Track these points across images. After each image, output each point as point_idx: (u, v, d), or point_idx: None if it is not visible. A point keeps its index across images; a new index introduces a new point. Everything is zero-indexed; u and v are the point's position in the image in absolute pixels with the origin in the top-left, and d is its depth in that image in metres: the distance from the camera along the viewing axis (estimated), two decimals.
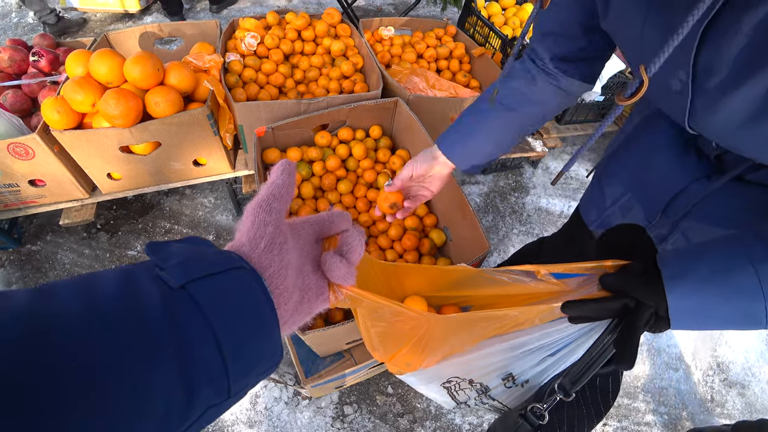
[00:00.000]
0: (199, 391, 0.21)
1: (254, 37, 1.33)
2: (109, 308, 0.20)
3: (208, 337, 0.21)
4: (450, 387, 0.59)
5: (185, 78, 1.07)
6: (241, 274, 0.25)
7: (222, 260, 0.25)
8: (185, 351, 0.20)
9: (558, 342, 0.48)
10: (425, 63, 1.53)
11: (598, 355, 0.44)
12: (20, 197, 1.14)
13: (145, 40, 1.39)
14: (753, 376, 1.40)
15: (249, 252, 0.27)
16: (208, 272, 0.23)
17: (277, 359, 0.26)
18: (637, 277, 0.41)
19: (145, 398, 0.19)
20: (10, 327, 0.17)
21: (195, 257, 0.24)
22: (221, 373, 0.22)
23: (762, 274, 0.35)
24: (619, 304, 0.41)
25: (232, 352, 0.22)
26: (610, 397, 0.55)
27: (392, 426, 1.16)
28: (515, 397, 0.60)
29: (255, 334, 0.24)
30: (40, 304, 0.18)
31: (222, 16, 2.55)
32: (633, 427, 1.25)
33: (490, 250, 1.56)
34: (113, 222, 1.50)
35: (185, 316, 0.21)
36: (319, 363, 0.95)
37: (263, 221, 0.28)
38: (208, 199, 1.60)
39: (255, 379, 0.25)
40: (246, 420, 1.13)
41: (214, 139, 1.15)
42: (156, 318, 0.20)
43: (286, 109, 1.12)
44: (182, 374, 0.20)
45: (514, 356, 0.50)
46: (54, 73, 1.26)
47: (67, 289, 0.20)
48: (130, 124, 1.00)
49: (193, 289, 0.22)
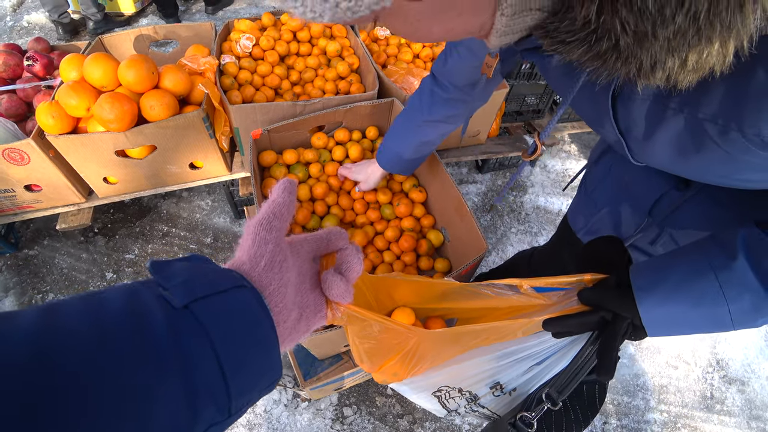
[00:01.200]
0: (202, 410, 0.21)
1: (249, 39, 1.33)
2: (116, 327, 0.20)
3: (209, 357, 0.22)
4: (440, 396, 0.60)
5: (180, 81, 1.07)
6: (242, 293, 0.25)
7: (223, 279, 0.25)
8: (188, 370, 0.21)
9: (543, 352, 0.49)
10: (421, 63, 1.52)
11: (582, 365, 0.46)
12: (16, 202, 1.14)
13: (140, 42, 1.38)
14: (752, 373, 1.40)
15: (249, 270, 0.28)
16: (210, 292, 0.24)
17: (276, 377, 0.27)
18: (612, 290, 0.44)
19: (151, 417, 0.19)
20: (18, 348, 0.17)
21: (197, 277, 0.24)
22: (222, 392, 0.22)
23: (722, 280, 0.37)
24: (596, 318, 0.44)
25: (232, 371, 0.23)
26: (597, 403, 0.57)
27: (392, 427, 1.16)
28: (504, 405, 0.61)
29: (255, 352, 0.25)
30: (47, 323, 0.18)
31: (217, 18, 2.54)
32: (633, 425, 1.25)
33: (489, 250, 1.56)
34: (110, 226, 1.50)
35: (188, 336, 0.22)
36: (317, 365, 0.95)
37: (264, 239, 0.29)
38: (206, 201, 1.60)
39: (256, 396, 0.26)
40: (246, 423, 1.12)
41: (210, 142, 1.15)
42: (160, 337, 0.21)
43: (282, 111, 1.12)
44: (186, 393, 0.21)
45: (501, 366, 0.51)
46: (49, 77, 1.26)
47: (73, 307, 0.20)
48: (125, 128, 1.00)
49: (196, 309, 0.23)
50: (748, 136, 0.31)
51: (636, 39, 0.23)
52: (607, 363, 0.43)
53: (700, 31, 0.22)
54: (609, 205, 0.66)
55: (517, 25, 0.27)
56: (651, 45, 0.23)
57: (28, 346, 0.17)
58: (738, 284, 0.37)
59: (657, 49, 0.23)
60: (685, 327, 0.40)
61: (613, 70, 0.26)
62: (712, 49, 0.23)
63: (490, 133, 1.55)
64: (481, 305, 0.50)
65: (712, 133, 0.33)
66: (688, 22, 0.21)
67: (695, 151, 0.36)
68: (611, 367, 0.43)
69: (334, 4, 0.21)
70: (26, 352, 0.17)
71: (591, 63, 0.26)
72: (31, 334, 0.17)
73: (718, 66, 0.25)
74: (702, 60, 0.24)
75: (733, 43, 0.23)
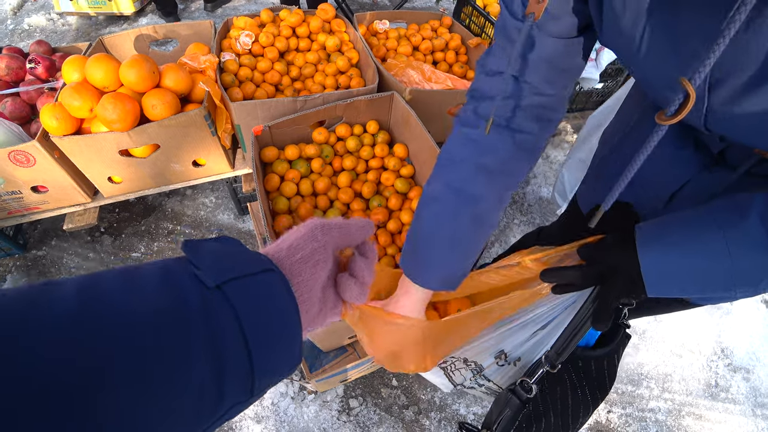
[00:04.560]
0: (228, 388, 0.22)
1: (249, 36, 1.33)
2: (154, 302, 0.21)
3: (238, 337, 0.23)
4: (446, 367, 0.61)
5: (181, 80, 1.08)
6: (271, 277, 0.26)
7: (253, 262, 0.26)
8: (218, 348, 0.22)
9: (546, 315, 0.49)
10: (421, 55, 1.51)
11: (580, 324, 0.46)
12: (23, 204, 1.16)
13: (140, 42, 1.39)
14: (757, 360, 1.40)
15: (283, 258, 0.29)
16: (241, 274, 0.24)
17: (297, 361, 0.28)
18: (611, 245, 0.43)
19: (185, 391, 0.20)
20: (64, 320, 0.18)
21: (228, 258, 0.25)
22: (247, 372, 0.23)
23: (729, 237, 0.36)
24: (595, 271, 0.43)
25: (258, 353, 0.23)
26: (606, 382, 0.55)
27: (397, 418, 1.17)
28: (509, 377, 0.61)
29: (280, 336, 0.25)
30: (90, 294, 0.20)
31: (217, 15, 2.54)
32: (637, 414, 1.26)
33: (492, 241, 1.57)
34: (116, 225, 1.51)
35: (219, 316, 0.22)
36: (322, 358, 0.96)
37: (313, 237, 0.30)
38: (210, 198, 1.61)
39: (277, 379, 0.27)
40: (253, 416, 1.14)
41: (212, 140, 1.16)
42: (194, 314, 0.22)
43: (283, 107, 1.12)
44: (214, 370, 0.21)
45: (504, 332, 0.52)
46: (51, 79, 1.27)
47: (113, 282, 0.21)
48: (128, 127, 1.01)
49: (228, 290, 0.23)
50: None
51: None
52: (602, 309, 0.42)
53: None
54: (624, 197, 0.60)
55: None
56: None
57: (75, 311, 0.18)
58: (746, 242, 0.36)
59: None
60: (685, 283, 0.39)
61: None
62: None
63: None
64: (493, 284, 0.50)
65: None
66: None
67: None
68: (607, 315, 0.42)
69: None
70: (73, 324, 0.18)
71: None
72: (74, 313, 0.18)
73: None
74: None
75: None
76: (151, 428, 0.19)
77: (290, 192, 1.04)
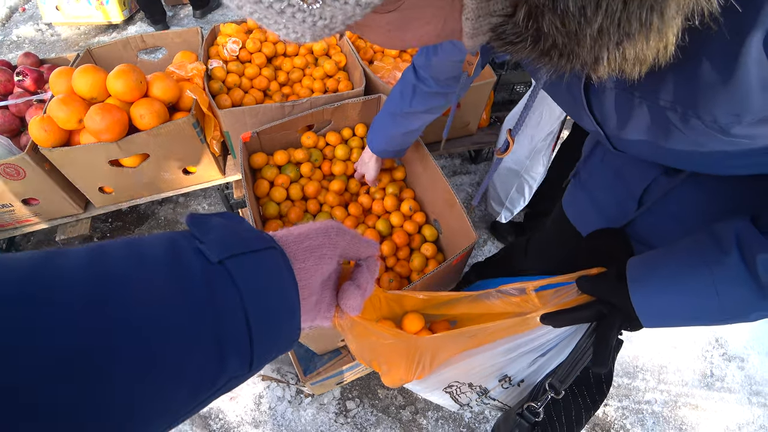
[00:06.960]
0: (228, 361, 0.23)
1: (236, 42, 1.33)
2: (158, 272, 0.21)
3: (239, 312, 0.23)
4: (452, 391, 0.62)
5: (168, 89, 1.08)
6: (272, 254, 0.27)
7: (256, 239, 0.27)
8: (219, 322, 0.22)
9: (546, 344, 0.51)
10: (408, 57, 1.52)
11: (580, 355, 0.48)
12: (15, 217, 1.16)
13: (128, 51, 1.39)
14: (752, 349, 1.41)
15: (290, 243, 0.29)
16: (244, 250, 0.25)
17: (296, 337, 0.29)
18: (609, 282, 0.44)
19: (188, 361, 0.21)
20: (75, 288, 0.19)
21: (232, 234, 0.26)
22: (246, 346, 0.24)
23: (715, 275, 0.37)
24: (591, 311, 0.45)
25: (257, 328, 0.24)
26: (604, 386, 0.58)
27: (395, 418, 1.18)
28: (513, 396, 0.63)
29: (279, 312, 0.26)
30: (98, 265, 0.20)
31: (206, 21, 2.54)
32: (633, 406, 1.27)
33: (483, 239, 1.57)
34: (110, 234, 1.52)
35: (221, 290, 0.23)
36: (317, 361, 0.97)
37: (326, 233, 0.31)
38: (202, 205, 1.62)
39: (275, 354, 0.27)
40: (251, 420, 1.15)
41: (201, 147, 1.16)
42: (197, 287, 0.22)
43: (271, 113, 1.13)
44: (215, 343, 0.22)
45: (507, 360, 0.53)
46: (39, 91, 1.27)
47: (120, 251, 0.22)
48: (116, 137, 1.01)
49: (230, 265, 0.24)
50: (706, 122, 0.31)
51: (569, 37, 0.23)
52: (601, 354, 0.44)
53: (621, 28, 0.22)
54: (602, 193, 0.66)
55: (483, 27, 0.28)
56: (584, 42, 0.23)
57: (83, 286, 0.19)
58: (730, 280, 0.37)
59: (591, 45, 0.24)
60: (678, 319, 0.41)
61: (559, 67, 0.27)
62: (647, 43, 0.24)
63: (481, 123, 1.56)
64: (483, 311, 0.52)
65: (674, 120, 0.34)
66: (608, 20, 0.22)
67: (665, 138, 0.36)
68: (606, 358, 0.44)
69: (312, 24, 0.23)
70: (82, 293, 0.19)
71: (539, 61, 0.27)
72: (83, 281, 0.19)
73: (662, 57, 0.25)
74: (641, 52, 0.24)
75: (671, 34, 0.24)
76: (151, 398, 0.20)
77: (280, 197, 1.04)
